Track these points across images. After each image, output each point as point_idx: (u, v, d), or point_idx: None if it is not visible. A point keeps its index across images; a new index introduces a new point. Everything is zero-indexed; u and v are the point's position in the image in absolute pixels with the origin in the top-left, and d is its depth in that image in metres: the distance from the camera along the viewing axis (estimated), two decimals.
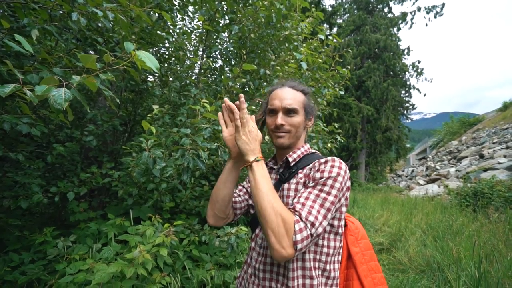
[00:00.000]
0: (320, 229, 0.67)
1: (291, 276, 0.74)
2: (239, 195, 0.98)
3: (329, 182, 0.72)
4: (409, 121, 20.47)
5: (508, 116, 15.26)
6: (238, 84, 2.21)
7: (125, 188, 2.34)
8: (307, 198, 0.70)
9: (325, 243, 0.77)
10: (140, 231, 1.71)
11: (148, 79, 3.53)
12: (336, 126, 3.76)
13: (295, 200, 0.72)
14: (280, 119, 0.85)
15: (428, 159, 17.54)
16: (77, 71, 1.76)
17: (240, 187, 1.03)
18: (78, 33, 2.47)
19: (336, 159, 0.78)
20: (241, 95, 0.79)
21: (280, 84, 0.94)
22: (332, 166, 0.75)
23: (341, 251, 0.81)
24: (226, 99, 0.83)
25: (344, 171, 0.75)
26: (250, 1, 2.98)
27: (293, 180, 0.82)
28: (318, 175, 0.75)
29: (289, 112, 0.86)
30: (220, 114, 0.87)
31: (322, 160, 0.79)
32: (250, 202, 0.98)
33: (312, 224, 0.66)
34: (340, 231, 0.79)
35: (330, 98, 3.61)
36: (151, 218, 1.87)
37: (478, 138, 14.38)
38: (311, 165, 0.82)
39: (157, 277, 1.52)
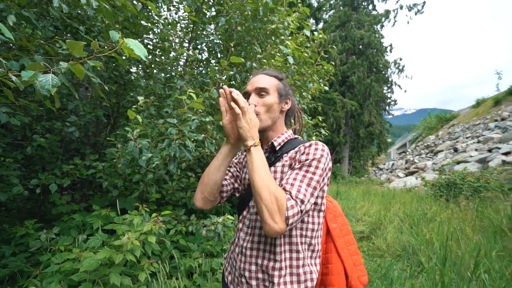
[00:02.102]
0: (308, 206, 0.74)
1: (279, 251, 0.80)
2: (226, 179, 1.03)
3: (314, 163, 0.79)
4: (391, 116, 21.21)
5: (480, 112, 16.17)
6: (225, 76, 2.23)
7: (110, 180, 2.32)
8: (295, 179, 0.77)
9: (310, 219, 0.84)
10: (127, 220, 1.72)
11: (132, 70, 3.46)
12: (321, 120, 3.87)
13: (284, 181, 0.78)
14: (252, 99, 0.90)
15: (407, 153, 18.32)
16: (59, 59, 1.72)
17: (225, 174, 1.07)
18: (57, 20, 2.38)
19: (319, 143, 0.84)
20: (235, 91, 0.82)
21: (256, 72, 0.99)
22: (316, 149, 0.81)
23: (322, 226, 0.88)
24: (225, 86, 0.86)
25: (326, 153, 0.82)
26: None
27: (279, 164, 0.88)
28: (303, 157, 0.81)
29: (260, 92, 0.91)
30: (221, 100, 0.88)
31: (307, 144, 0.85)
32: (236, 185, 1.03)
33: (302, 201, 0.73)
34: (322, 208, 0.86)
35: (315, 92, 3.71)
36: (138, 208, 1.88)
37: (453, 133, 15.18)
38: (296, 149, 0.87)
39: (145, 263, 1.55)
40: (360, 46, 17.26)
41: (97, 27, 2.52)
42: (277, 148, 0.93)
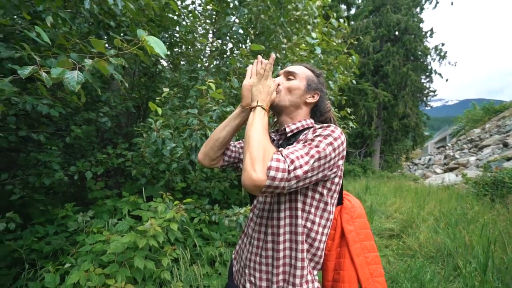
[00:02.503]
0: (299, 171, 0.65)
1: (282, 240, 0.77)
2: (235, 146, 1.03)
3: (319, 138, 0.72)
4: (429, 108, 19.59)
5: None
6: (247, 65, 2.19)
7: (138, 168, 2.44)
8: (293, 147, 0.72)
9: (312, 210, 0.77)
10: (152, 207, 1.80)
11: (162, 62, 3.57)
12: (349, 112, 3.67)
13: None
14: (278, 79, 0.92)
15: (447, 147, 16.87)
16: (91, 56, 1.83)
17: (238, 142, 1.07)
18: (90, 17, 2.52)
19: (332, 125, 0.77)
20: (273, 54, 0.83)
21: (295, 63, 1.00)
22: (325, 129, 0.75)
23: (329, 223, 0.80)
24: (259, 56, 0.88)
25: (337, 134, 0.74)
26: None
27: None
28: (310, 136, 0.75)
29: (289, 75, 0.91)
30: (250, 65, 0.94)
31: (318, 126, 0.79)
32: (242, 156, 1.01)
33: (292, 161, 0.65)
34: (329, 201, 0.78)
35: (343, 83, 3.52)
36: (162, 195, 1.96)
37: (504, 126, 13.59)
38: (307, 131, 0.83)
39: (168, 249, 1.61)
40: (396, 32, 16.00)
41: (126, 22, 2.62)
42: (289, 135, 0.88)
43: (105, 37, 2.58)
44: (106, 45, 2.28)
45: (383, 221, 4.41)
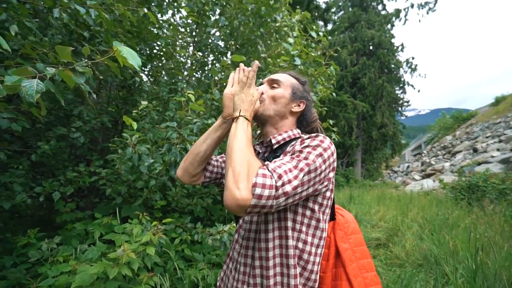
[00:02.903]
0: (288, 187, 0.58)
1: (271, 265, 0.69)
2: (217, 160, 0.95)
3: (307, 149, 0.67)
4: (404, 117, 20.57)
5: (501, 110, 15.41)
6: (227, 76, 2.14)
7: (114, 187, 2.26)
8: (280, 160, 0.65)
9: (304, 228, 0.70)
10: (127, 229, 1.64)
11: (142, 76, 3.45)
12: (331, 123, 3.71)
13: None
14: (262, 87, 0.87)
15: (423, 154, 17.66)
16: (57, 66, 1.70)
17: (220, 156, 0.99)
18: (63, 28, 2.39)
19: (320, 134, 0.72)
20: (256, 62, 0.79)
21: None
22: (313, 139, 0.70)
23: (323, 243, 0.73)
24: (241, 64, 0.85)
25: (327, 145, 0.68)
26: None
27: None
28: (298, 147, 0.69)
29: (273, 83, 0.86)
30: (232, 73, 0.90)
31: (305, 136, 0.73)
32: (224, 172, 0.94)
33: (280, 176, 0.58)
34: (321, 217, 0.71)
35: (325, 95, 3.57)
36: (139, 216, 1.80)
37: (472, 132, 14.51)
38: (294, 142, 0.77)
39: (144, 277, 1.45)
40: (371, 47, 16.91)
41: (102, 32, 2.51)
42: (275, 147, 0.81)
43: (80, 48, 2.45)
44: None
45: (369, 230, 4.41)
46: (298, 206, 0.69)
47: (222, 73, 2.10)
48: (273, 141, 0.81)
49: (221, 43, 3.10)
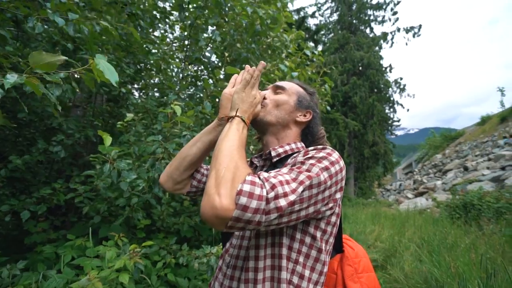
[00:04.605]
0: (283, 202, 0.47)
1: None
2: (207, 169, 0.83)
3: (311, 161, 0.55)
4: (394, 136, 20.94)
5: (487, 129, 15.87)
6: (220, 88, 2.06)
7: (92, 205, 2.07)
8: (277, 171, 0.54)
9: (301, 259, 0.57)
10: (101, 252, 1.45)
11: (129, 87, 3.36)
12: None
13: None
14: (265, 92, 0.80)
15: (414, 172, 17.80)
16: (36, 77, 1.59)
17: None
18: (45, 38, 2.30)
19: (328, 147, 0.61)
20: (263, 62, 0.70)
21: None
22: (319, 151, 0.59)
23: (323, 279, 0.60)
24: (247, 66, 0.75)
25: (335, 158, 0.57)
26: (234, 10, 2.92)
27: None
28: (300, 158, 0.57)
29: (277, 89, 0.78)
30: (235, 75, 0.81)
31: (310, 148, 0.62)
32: None
33: (273, 187, 0.47)
34: (323, 247, 0.58)
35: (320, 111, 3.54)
36: (115, 237, 1.62)
37: (461, 151, 14.79)
38: (296, 154, 0.65)
39: None
40: (360, 67, 17.48)
41: (86, 44, 2.44)
42: (275, 160, 0.70)
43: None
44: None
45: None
46: (296, 230, 0.57)
47: (216, 85, 2.02)
48: (273, 153, 0.71)
49: (214, 58, 3.06)
